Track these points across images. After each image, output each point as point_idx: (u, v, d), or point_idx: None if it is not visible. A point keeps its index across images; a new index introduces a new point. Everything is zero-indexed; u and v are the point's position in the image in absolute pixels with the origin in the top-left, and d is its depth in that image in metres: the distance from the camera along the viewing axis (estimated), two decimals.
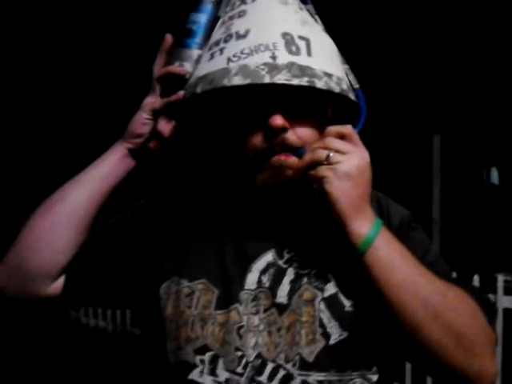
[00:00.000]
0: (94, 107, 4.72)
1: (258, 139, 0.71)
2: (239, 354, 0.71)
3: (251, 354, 0.70)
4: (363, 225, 0.67)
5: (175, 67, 0.77)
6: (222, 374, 0.70)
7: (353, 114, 0.78)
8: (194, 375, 0.71)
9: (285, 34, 0.69)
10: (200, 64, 0.75)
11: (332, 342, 0.71)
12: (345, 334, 0.71)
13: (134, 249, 0.82)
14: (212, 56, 0.72)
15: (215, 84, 0.69)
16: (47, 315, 4.57)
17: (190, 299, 0.74)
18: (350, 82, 0.76)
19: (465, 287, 0.72)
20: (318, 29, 0.75)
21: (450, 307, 0.66)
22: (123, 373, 3.50)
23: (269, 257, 0.75)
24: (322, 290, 0.73)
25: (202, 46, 0.78)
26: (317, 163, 0.67)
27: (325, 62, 0.71)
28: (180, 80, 0.76)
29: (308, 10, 0.76)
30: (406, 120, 5.36)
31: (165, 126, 0.80)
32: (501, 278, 2.80)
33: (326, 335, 0.71)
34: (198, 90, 0.71)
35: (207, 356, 0.71)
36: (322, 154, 0.66)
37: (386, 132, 6.26)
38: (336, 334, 0.71)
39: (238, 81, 0.67)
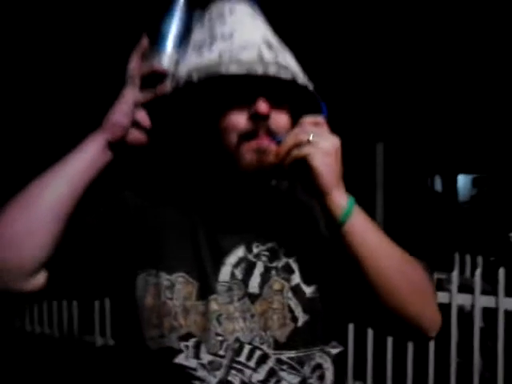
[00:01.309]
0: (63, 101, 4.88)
1: (241, 122, 0.78)
2: (220, 338, 0.78)
3: (230, 339, 0.78)
4: (343, 196, 0.75)
5: (158, 65, 0.82)
6: (206, 357, 0.77)
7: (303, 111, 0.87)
8: (179, 359, 0.77)
9: (264, 39, 0.81)
10: (186, 60, 0.81)
11: (299, 324, 0.80)
12: (307, 317, 0.80)
13: (109, 241, 0.84)
14: (200, 53, 0.80)
15: (212, 72, 0.76)
16: None
17: (170, 291, 0.80)
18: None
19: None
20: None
21: (409, 265, 0.78)
22: (70, 380, 3.45)
23: (240, 251, 0.82)
24: (288, 281, 0.81)
25: (176, 48, 0.85)
26: (299, 145, 0.74)
27: (296, 65, 0.83)
28: (159, 76, 0.82)
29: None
30: (349, 128, 5.56)
31: (144, 117, 0.82)
32: (434, 276, 2.98)
33: (295, 319, 0.80)
34: (195, 77, 0.78)
35: (191, 342, 0.78)
36: (304, 136, 0.74)
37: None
38: (301, 317, 0.80)
39: (234, 70, 0.75)
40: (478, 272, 2.93)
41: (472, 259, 4.07)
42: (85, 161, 0.79)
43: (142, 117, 0.82)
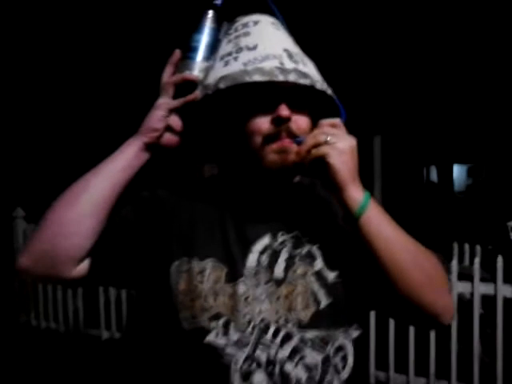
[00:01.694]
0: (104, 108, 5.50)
1: (265, 125, 0.84)
2: (247, 318, 0.84)
3: (257, 318, 0.84)
4: (359, 191, 0.82)
5: (189, 75, 0.90)
6: (234, 335, 0.84)
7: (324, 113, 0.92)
8: (210, 337, 0.84)
9: (285, 49, 0.87)
10: (214, 70, 0.89)
11: (322, 306, 0.86)
12: (330, 300, 0.87)
13: (145, 233, 0.91)
14: (227, 63, 0.87)
15: (238, 81, 0.83)
16: None
17: (201, 276, 0.86)
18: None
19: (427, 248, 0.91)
20: (302, 51, 0.94)
21: (423, 256, 0.84)
22: (77, 374, 3.51)
23: (266, 239, 0.89)
24: (311, 266, 0.88)
25: (206, 60, 0.92)
26: (318, 145, 0.81)
27: (316, 72, 0.90)
28: (191, 85, 0.90)
29: (293, 38, 0.95)
30: (347, 122, 5.61)
31: (177, 122, 0.91)
32: None
33: (317, 301, 0.86)
34: (222, 86, 0.85)
35: (221, 321, 0.84)
36: (322, 137, 0.81)
37: None
38: (324, 300, 0.87)
39: (257, 78, 0.82)
40: (477, 260, 3.01)
41: (470, 248, 4.15)
42: (123, 161, 0.88)
43: (175, 121, 0.90)
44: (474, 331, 2.95)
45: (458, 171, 12.62)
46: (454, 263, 3.01)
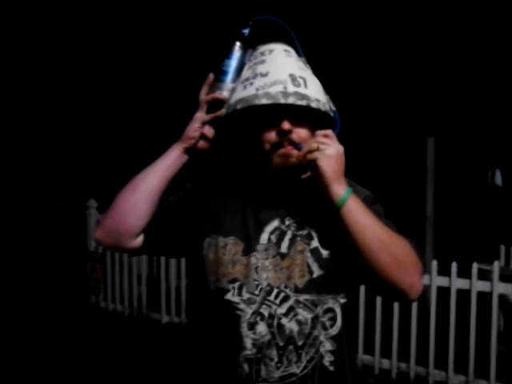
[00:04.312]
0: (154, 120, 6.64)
1: (272, 136, 1.08)
2: (256, 283, 1.09)
3: (264, 283, 1.09)
4: (340, 189, 1.03)
5: (219, 94, 1.14)
6: (246, 295, 1.09)
7: (332, 125, 1.16)
8: (228, 296, 1.09)
9: (290, 74, 1.09)
10: (236, 92, 1.13)
11: (314, 276, 1.09)
12: (322, 272, 1.09)
13: (186, 215, 1.17)
14: (245, 87, 1.11)
15: (250, 103, 1.07)
16: (69, 301, 4.93)
17: (224, 249, 1.12)
18: (330, 106, 1.15)
19: (406, 238, 1.10)
20: (309, 72, 1.16)
21: (393, 243, 1.03)
22: (139, 353, 3.85)
23: (275, 222, 1.13)
24: (308, 245, 1.11)
25: (233, 81, 1.15)
26: (311, 151, 1.04)
27: (315, 92, 1.11)
28: (220, 103, 1.14)
29: (302, 61, 1.17)
30: (400, 124, 5.64)
31: (209, 131, 1.15)
32: (475, 266, 3.13)
33: (311, 272, 1.09)
34: (238, 107, 1.09)
35: (236, 284, 1.09)
36: (314, 144, 1.04)
37: (382, 135, 6.52)
38: (317, 271, 1.09)
39: (264, 101, 1.06)
40: None
41: None
42: (168, 161, 1.14)
43: (208, 131, 1.15)
44: None
45: None
46: (496, 264, 3.07)
